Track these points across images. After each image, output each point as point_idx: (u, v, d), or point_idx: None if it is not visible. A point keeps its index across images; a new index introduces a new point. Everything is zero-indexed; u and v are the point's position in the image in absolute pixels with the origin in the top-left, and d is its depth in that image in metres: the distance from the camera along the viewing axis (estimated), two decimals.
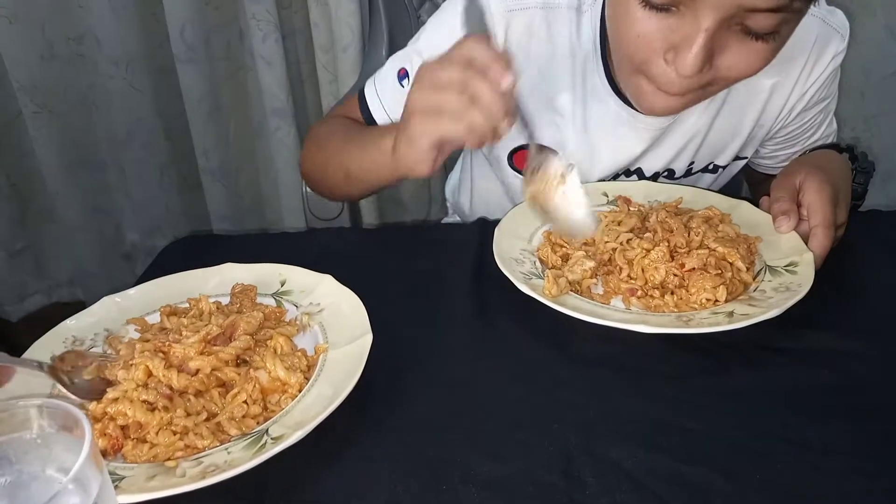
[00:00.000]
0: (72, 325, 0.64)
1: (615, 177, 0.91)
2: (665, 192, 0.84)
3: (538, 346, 0.64)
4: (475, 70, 0.61)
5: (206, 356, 0.58)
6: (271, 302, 0.68)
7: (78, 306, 0.68)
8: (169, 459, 0.51)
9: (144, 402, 0.54)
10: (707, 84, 0.70)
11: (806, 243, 0.71)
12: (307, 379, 0.59)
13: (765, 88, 0.86)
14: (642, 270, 0.68)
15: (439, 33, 0.85)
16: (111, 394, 0.54)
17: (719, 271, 0.66)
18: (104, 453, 0.52)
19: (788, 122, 0.91)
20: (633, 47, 0.70)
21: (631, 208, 0.80)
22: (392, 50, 1.40)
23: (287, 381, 0.58)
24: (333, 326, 0.64)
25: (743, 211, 0.79)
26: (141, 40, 1.61)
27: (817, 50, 0.85)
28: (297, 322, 0.65)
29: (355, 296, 0.66)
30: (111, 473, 0.49)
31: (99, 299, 0.68)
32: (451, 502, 0.50)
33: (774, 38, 0.66)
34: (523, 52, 0.82)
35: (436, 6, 1.35)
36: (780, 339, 0.63)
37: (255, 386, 0.57)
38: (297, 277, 0.70)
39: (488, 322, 0.67)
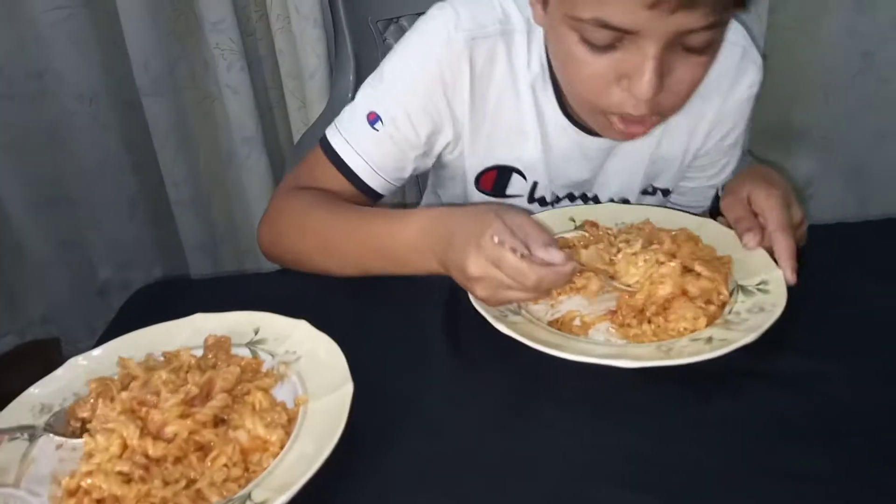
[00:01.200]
0: (38, 393, 0.62)
1: (572, 198, 0.93)
2: (631, 213, 0.84)
3: (518, 386, 0.63)
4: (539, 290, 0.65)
5: (183, 419, 0.56)
6: (246, 352, 0.67)
7: (53, 344, 0.67)
8: None
9: (119, 473, 0.52)
10: (664, 104, 0.72)
11: (771, 255, 0.71)
12: (288, 434, 0.57)
13: (693, 111, 0.87)
14: (649, 283, 0.67)
15: (406, 70, 0.84)
16: (85, 467, 0.52)
17: (705, 300, 0.66)
18: None
19: (705, 149, 0.93)
20: (585, 87, 0.73)
21: (598, 232, 0.79)
22: (359, 74, 1.39)
23: (268, 439, 0.56)
24: (312, 375, 0.63)
25: (710, 229, 0.79)
26: (104, 74, 1.58)
27: (737, 76, 0.88)
28: (275, 372, 0.64)
29: (332, 342, 0.64)
30: None
31: (73, 336, 0.67)
32: None
33: (712, 48, 0.69)
34: (487, 78, 0.84)
35: (401, 29, 1.34)
36: (757, 362, 0.63)
37: (234, 447, 0.55)
38: (271, 324, 0.69)
39: (466, 364, 0.67)
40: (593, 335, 0.67)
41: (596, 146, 0.88)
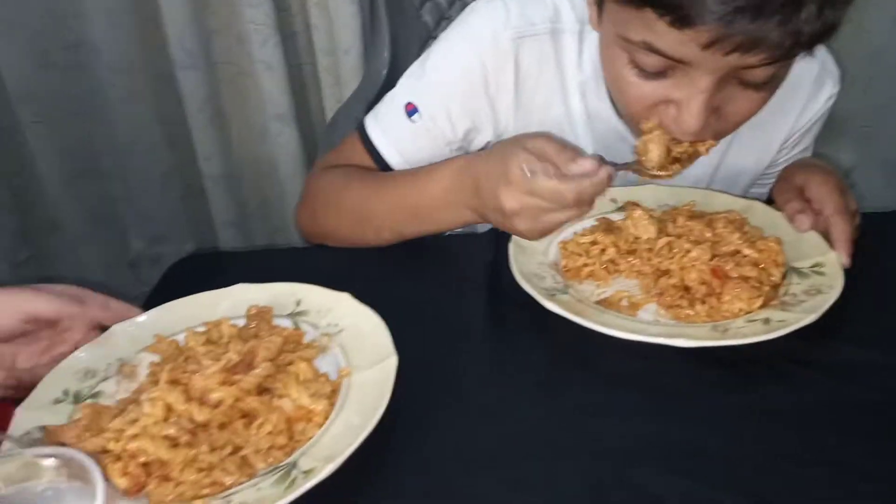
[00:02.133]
0: (83, 357, 0.62)
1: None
2: (674, 195, 0.83)
3: (560, 365, 0.62)
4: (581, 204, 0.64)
5: (227, 386, 0.56)
6: (288, 323, 0.66)
7: None
8: (196, 498, 0.50)
9: (166, 437, 0.52)
10: (716, 130, 0.70)
11: (825, 239, 0.70)
12: (332, 405, 0.57)
13: (767, 125, 0.84)
14: (681, 269, 0.66)
15: (448, 65, 0.82)
16: (130, 430, 0.52)
17: (759, 283, 0.64)
18: (126, 494, 0.50)
19: (779, 160, 0.91)
20: (631, 107, 0.71)
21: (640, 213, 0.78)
22: (394, 51, 1.38)
23: (312, 409, 0.56)
24: (354, 348, 0.62)
25: (757, 211, 0.77)
26: (139, 47, 1.58)
27: (815, 89, 0.85)
28: (317, 344, 0.64)
29: (375, 315, 0.64)
30: None
31: None
32: None
33: (772, 82, 0.66)
34: (534, 78, 0.81)
35: (437, 6, 1.32)
36: (808, 351, 0.62)
37: (279, 416, 0.55)
38: (314, 296, 0.68)
39: (508, 341, 0.66)
40: (641, 316, 0.66)
41: None
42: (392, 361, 0.58)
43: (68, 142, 1.66)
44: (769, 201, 0.83)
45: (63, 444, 0.52)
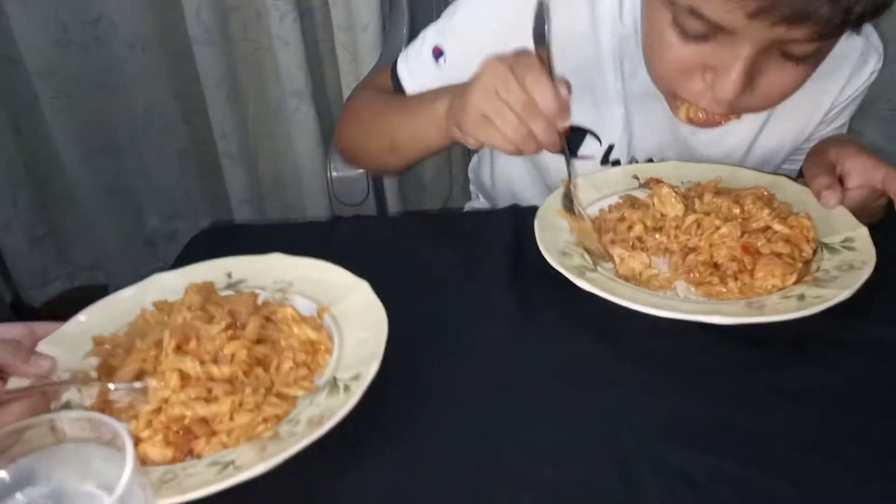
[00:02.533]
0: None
1: (650, 160, 0.88)
2: (697, 171, 0.81)
3: (585, 342, 0.62)
4: (536, 109, 0.64)
5: (234, 342, 0.57)
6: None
7: (101, 290, 0.66)
8: (262, 431, 0.51)
9: (197, 398, 0.53)
10: (747, 104, 0.68)
11: (859, 214, 0.69)
12: (330, 336, 0.60)
13: (807, 101, 0.82)
14: (710, 245, 0.65)
15: (481, 12, 0.81)
16: (149, 406, 0.53)
17: (792, 259, 0.63)
18: (174, 460, 0.50)
19: (816, 135, 0.88)
20: (666, 69, 0.70)
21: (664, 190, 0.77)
22: (413, 28, 1.36)
23: (319, 341, 0.59)
24: (317, 291, 0.65)
25: (783, 186, 0.75)
26: (156, 23, 1.58)
27: (859, 64, 0.83)
28: (273, 301, 0.65)
29: (323, 262, 0.67)
30: (228, 463, 0.49)
31: (121, 283, 0.67)
32: None
33: (814, 58, 0.64)
34: (566, 31, 0.78)
35: None
36: (837, 330, 0.61)
37: (294, 351, 0.57)
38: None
39: (530, 317, 0.65)
40: (670, 293, 0.65)
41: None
42: (364, 286, 0.62)
43: (86, 117, 1.66)
44: (797, 177, 0.81)
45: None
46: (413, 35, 1.37)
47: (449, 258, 0.74)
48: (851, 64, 0.83)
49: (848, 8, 0.56)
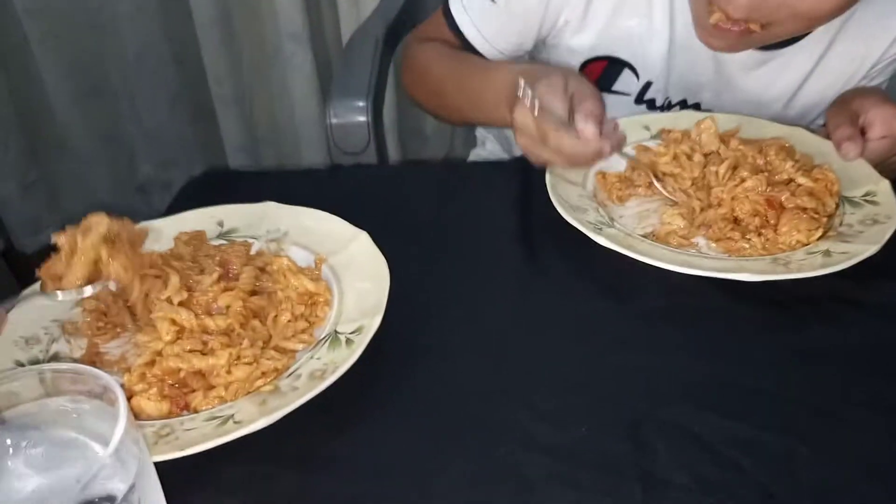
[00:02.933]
0: (12, 328, 0.55)
1: (684, 106, 0.85)
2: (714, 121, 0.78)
3: (596, 299, 0.60)
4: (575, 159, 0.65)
5: (228, 293, 0.55)
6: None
7: None
8: (261, 385, 0.49)
9: (193, 351, 0.51)
10: (769, 23, 0.65)
11: (882, 168, 0.66)
12: (328, 287, 0.58)
13: (857, 44, 0.78)
14: (732, 199, 0.63)
15: None
16: (143, 358, 0.51)
17: (816, 214, 0.61)
18: (170, 414, 0.49)
19: (880, 65, 0.82)
20: None
21: (669, 136, 0.74)
22: None
23: (317, 292, 0.57)
24: (313, 242, 0.63)
25: (800, 138, 0.73)
26: None
27: None
28: (266, 251, 0.63)
29: (319, 212, 0.65)
30: (228, 418, 0.47)
31: None
32: (513, 467, 0.46)
33: None
34: None
35: None
36: (853, 290, 0.59)
37: (292, 303, 0.56)
38: (236, 216, 0.66)
39: (538, 273, 0.63)
40: (690, 249, 0.62)
41: (737, 58, 0.79)
42: (364, 237, 0.60)
43: (76, 58, 1.61)
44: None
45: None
46: None
47: (454, 210, 0.71)
48: None
49: None
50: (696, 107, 0.86)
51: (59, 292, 0.52)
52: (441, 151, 1.72)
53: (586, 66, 0.84)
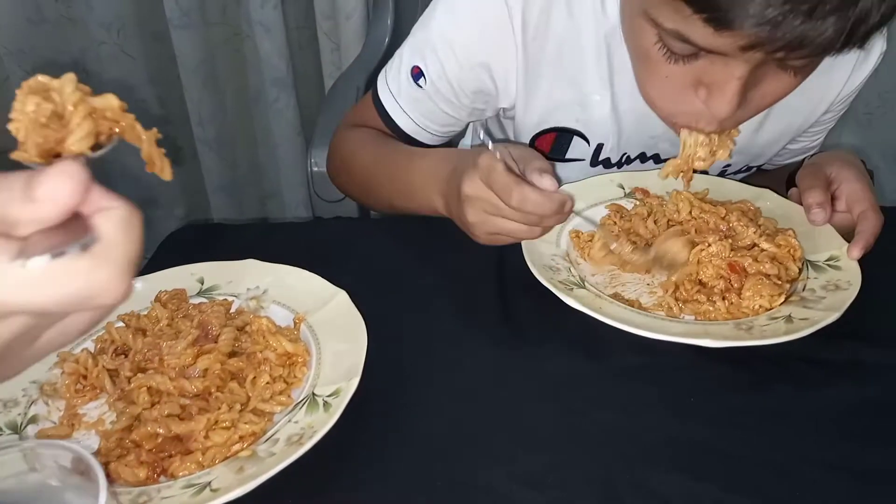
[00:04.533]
0: None
1: (644, 159, 0.87)
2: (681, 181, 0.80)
3: (570, 358, 0.61)
4: (536, 215, 0.63)
5: (206, 355, 0.55)
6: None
7: None
8: (239, 450, 0.50)
9: (169, 416, 0.51)
10: (738, 118, 0.66)
11: (843, 235, 0.69)
12: (307, 348, 0.59)
13: (812, 92, 0.80)
14: (697, 262, 0.65)
15: (455, 26, 0.78)
16: (120, 423, 0.51)
17: (779, 279, 0.63)
18: (147, 482, 0.49)
19: (817, 121, 0.87)
20: (656, 90, 0.65)
21: (648, 200, 0.76)
22: (398, 19, 1.34)
23: (295, 353, 0.58)
24: (292, 299, 0.64)
25: (767, 199, 0.75)
26: (133, 4, 1.53)
27: (866, 52, 0.79)
28: (246, 308, 0.64)
29: (300, 270, 0.66)
30: (205, 486, 0.47)
31: None
32: None
33: (810, 68, 0.61)
34: (542, 36, 0.76)
35: None
36: (821, 350, 0.60)
37: (270, 365, 0.56)
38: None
39: (515, 332, 0.64)
40: (659, 312, 0.64)
41: None
42: (342, 296, 0.61)
43: None
44: (790, 181, 0.80)
45: None
46: (398, 26, 1.35)
47: (432, 266, 0.73)
48: (855, 54, 0.77)
49: (853, 30, 0.51)
50: (657, 158, 0.87)
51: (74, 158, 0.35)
52: None
53: (536, 139, 0.85)
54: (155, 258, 0.74)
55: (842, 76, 0.82)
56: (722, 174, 0.88)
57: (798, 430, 0.54)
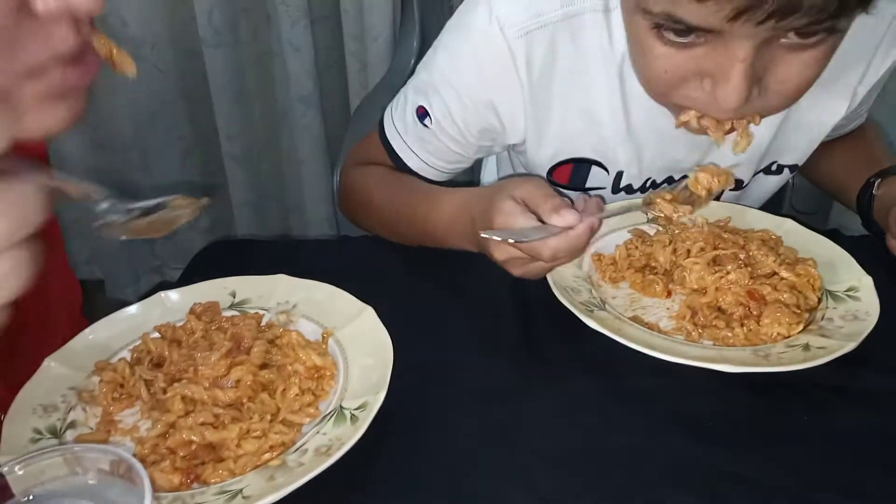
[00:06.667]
0: (28, 396, 0.57)
1: (670, 181, 0.86)
2: (705, 208, 0.81)
3: (590, 379, 0.62)
4: (559, 259, 0.65)
5: (239, 367, 0.57)
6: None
7: (97, 285, 0.66)
8: (269, 459, 0.51)
9: (203, 423, 0.53)
10: (762, 106, 0.63)
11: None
12: (334, 362, 0.61)
13: (835, 81, 0.77)
14: (716, 289, 0.66)
15: (457, 67, 0.78)
16: (156, 430, 0.53)
17: (798, 308, 0.64)
18: (180, 487, 0.50)
19: (847, 114, 0.84)
20: (660, 83, 0.63)
21: (671, 227, 0.77)
22: (424, 40, 1.37)
23: (324, 366, 0.59)
24: (321, 314, 0.66)
25: (789, 230, 0.76)
26: (167, 22, 1.58)
27: (892, 43, 0.78)
28: (276, 322, 0.65)
29: (327, 285, 0.67)
30: (237, 493, 0.49)
31: (118, 279, 0.68)
32: None
33: (828, 41, 0.57)
34: (548, 72, 0.76)
35: None
36: (839, 378, 0.61)
37: (300, 378, 0.58)
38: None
39: (535, 353, 0.65)
40: (679, 336, 0.65)
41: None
42: (369, 312, 0.63)
43: (90, 112, 1.64)
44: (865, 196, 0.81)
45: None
46: (424, 47, 1.37)
47: (455, 286, 0.75)
48: (883, 31, 0.76)
49: None
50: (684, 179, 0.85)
51: None
52: None
53: (553, 171, 0.85)
54: (188, 272, 0.77)
55: (860, 70, 0.79)
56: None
57: (813, 456, 0.55)
